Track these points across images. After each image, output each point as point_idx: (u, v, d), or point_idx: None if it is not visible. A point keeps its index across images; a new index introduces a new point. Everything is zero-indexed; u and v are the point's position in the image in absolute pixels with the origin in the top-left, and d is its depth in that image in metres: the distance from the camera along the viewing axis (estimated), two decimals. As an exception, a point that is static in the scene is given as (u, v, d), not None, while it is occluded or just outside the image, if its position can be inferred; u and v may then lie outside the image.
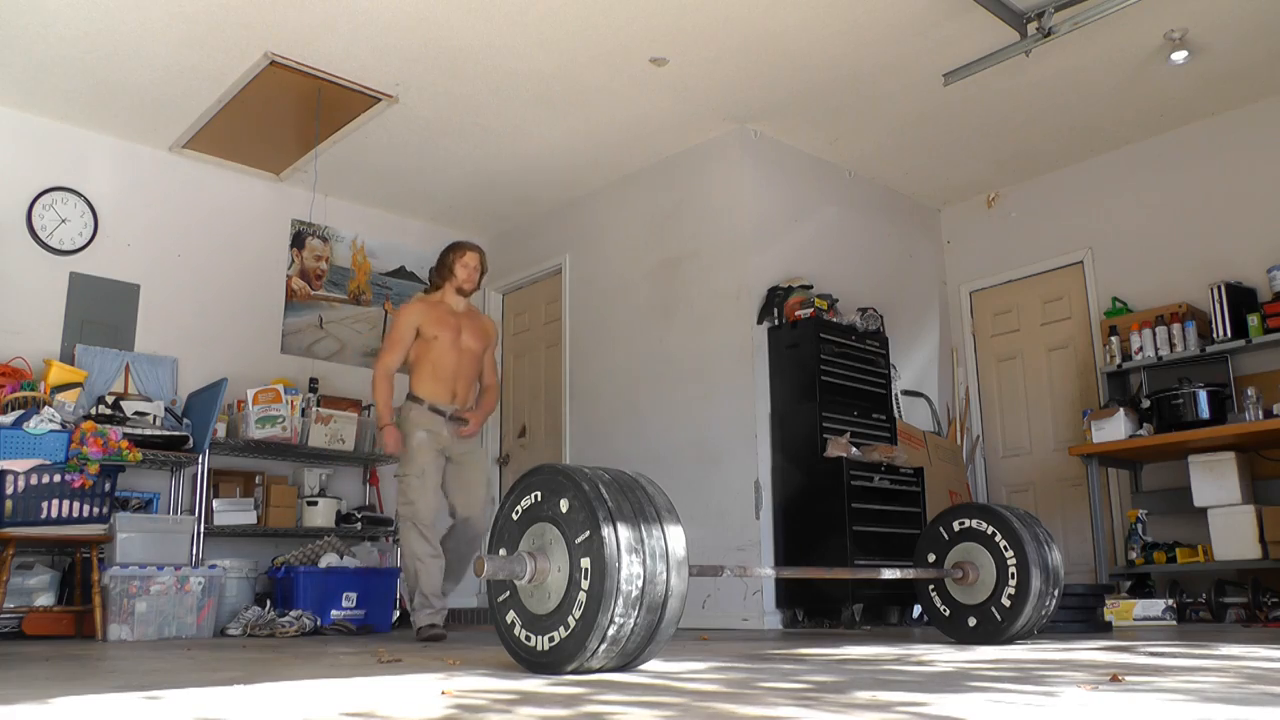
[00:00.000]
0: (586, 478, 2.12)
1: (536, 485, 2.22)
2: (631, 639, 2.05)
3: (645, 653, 2.13)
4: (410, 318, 4.26)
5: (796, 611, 4.81)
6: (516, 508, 2.25)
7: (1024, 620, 3.14)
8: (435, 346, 4.23)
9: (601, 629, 1.99)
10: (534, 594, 2.16)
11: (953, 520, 3.36)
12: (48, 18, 4.32)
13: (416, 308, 4.33)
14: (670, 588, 2.07)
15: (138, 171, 5.52)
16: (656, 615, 2.07)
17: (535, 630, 2.14)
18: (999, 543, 3.20)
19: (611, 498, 2.08)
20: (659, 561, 2.05)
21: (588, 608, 2.01)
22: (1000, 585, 3.17)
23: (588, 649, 2.01)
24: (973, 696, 1.69)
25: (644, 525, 2.07)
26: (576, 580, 2.05)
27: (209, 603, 4.38)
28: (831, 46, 4.62)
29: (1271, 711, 1.43)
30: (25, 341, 4.94)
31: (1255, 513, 4.61)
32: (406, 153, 5.67)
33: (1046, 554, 3.19)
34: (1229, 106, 5.24)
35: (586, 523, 2.05)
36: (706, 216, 5.49)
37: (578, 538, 2.06)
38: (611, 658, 2.07)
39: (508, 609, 2.22)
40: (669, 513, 2.15)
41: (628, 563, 2.00)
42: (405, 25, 4.40)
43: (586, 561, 2.03)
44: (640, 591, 2.02)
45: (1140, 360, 5.18)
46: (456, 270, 4.31)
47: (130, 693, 1.89)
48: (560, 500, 2.13)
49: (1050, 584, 3.18)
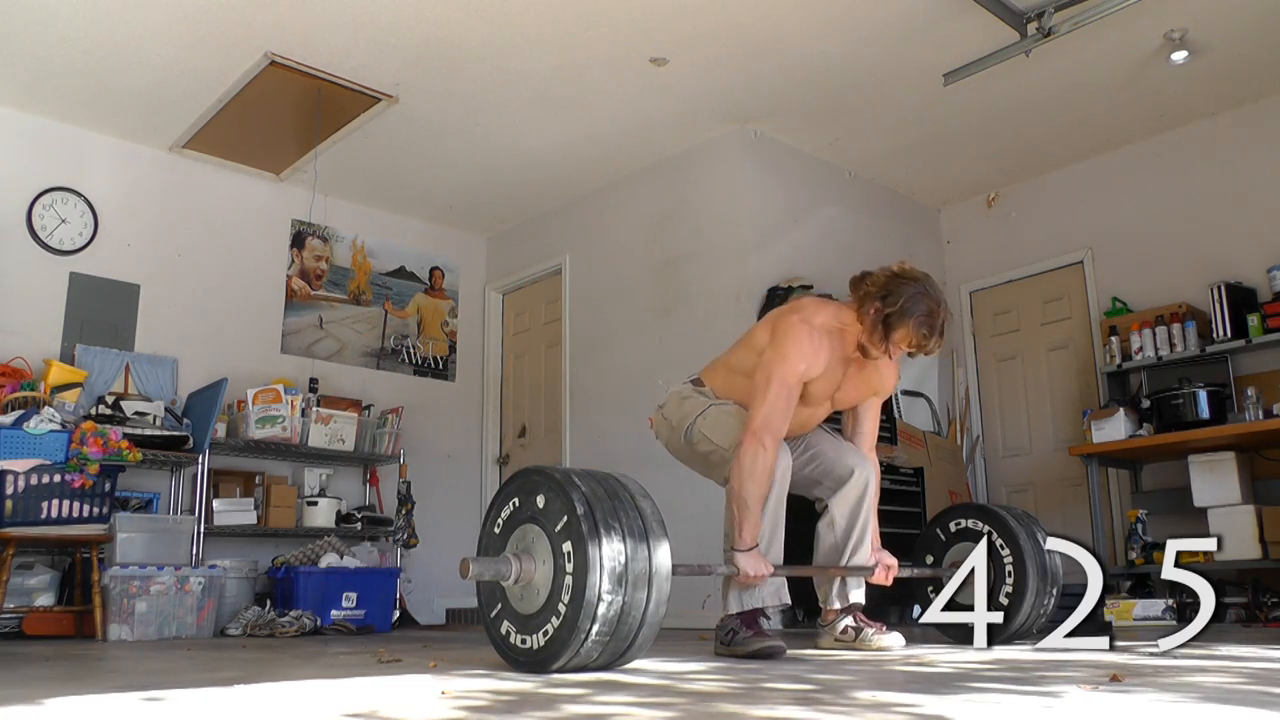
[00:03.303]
0: (560, 471, 2.19)
1: (513, 493, 2.27)
2: (623, 620, 2.07)
3: (640, 636, 2.13)
4: (813, 363, 2.82)
5: (797, 612, 4.81)
6: (498, 520, 2.30)
7: (1022, 618, 3.13)
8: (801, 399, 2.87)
9: (591, 608, 2.02)
10: (523, 595, 2.19)
11: (949, 521, 3.36)
12: (48, 18, 4.32)
13: (818, 344, 2.83)
14: (655, 564, 2.11)
15: (138, 171, 5.51)
16: (645, 592, 2.09)
17: (528, 630, 2.16)
18: (995, 541, 3.20)
19: (584, 483, 2.14)
20: (639, 540, 2.10)
21: (574, 589, 2.04)
22: (997, 584, 3.17)
23: (581, 631, 2.03)
24: (973, 697, 1.69)
25: (618, 505, 2.13)
26: (561, 566, 2.09)
27: (209, 603, 4.38)
28: (831, 47, 4.62)
29: (1271, 712, 1.43)
30: (25, 341, 4.94)
31: (1255, 513, 4.61)
32: (406, 153, 5.67)
33: (1043, 552, 3.18)
34: (1229, 106, 5.23)
35: (563, 509, 2.10)
36: (706, 217, 5.49)
37: (557, 525, 2.11)
38: (606, 641, 2.08)
39: (501, 620, 2.25)
40: (643, 496, 2.21)
41: (607, 539, 2.05)
42: (405, 25, 4.40)
43: (568, 545, 2.07)
44: (624, 567, 2.06)
45: (1140, 360, 5.18)
46: (894, 339, 2.78)
47: (130, 693, 1.89)
48: (537, 497, 2.19)
49: (1048, 582, 3.18)
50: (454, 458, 6.42)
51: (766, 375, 2.79)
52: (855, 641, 2.94)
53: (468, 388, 6.73)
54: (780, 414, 2.76)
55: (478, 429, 6.69)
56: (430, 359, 6.57)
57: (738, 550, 2.73)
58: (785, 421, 2.78)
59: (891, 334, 2.76)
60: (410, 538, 5.67)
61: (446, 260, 6.76)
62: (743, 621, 2.78)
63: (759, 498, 2.72)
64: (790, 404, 2.79)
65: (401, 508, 5.72)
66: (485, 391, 6.78)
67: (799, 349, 2.79)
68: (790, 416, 2.81)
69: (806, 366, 2.80)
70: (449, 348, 6.69)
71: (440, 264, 6.72)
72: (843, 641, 2.97)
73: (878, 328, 2.77)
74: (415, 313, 6.55)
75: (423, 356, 6.54)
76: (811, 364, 2.81)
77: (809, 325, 2.84)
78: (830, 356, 2.85)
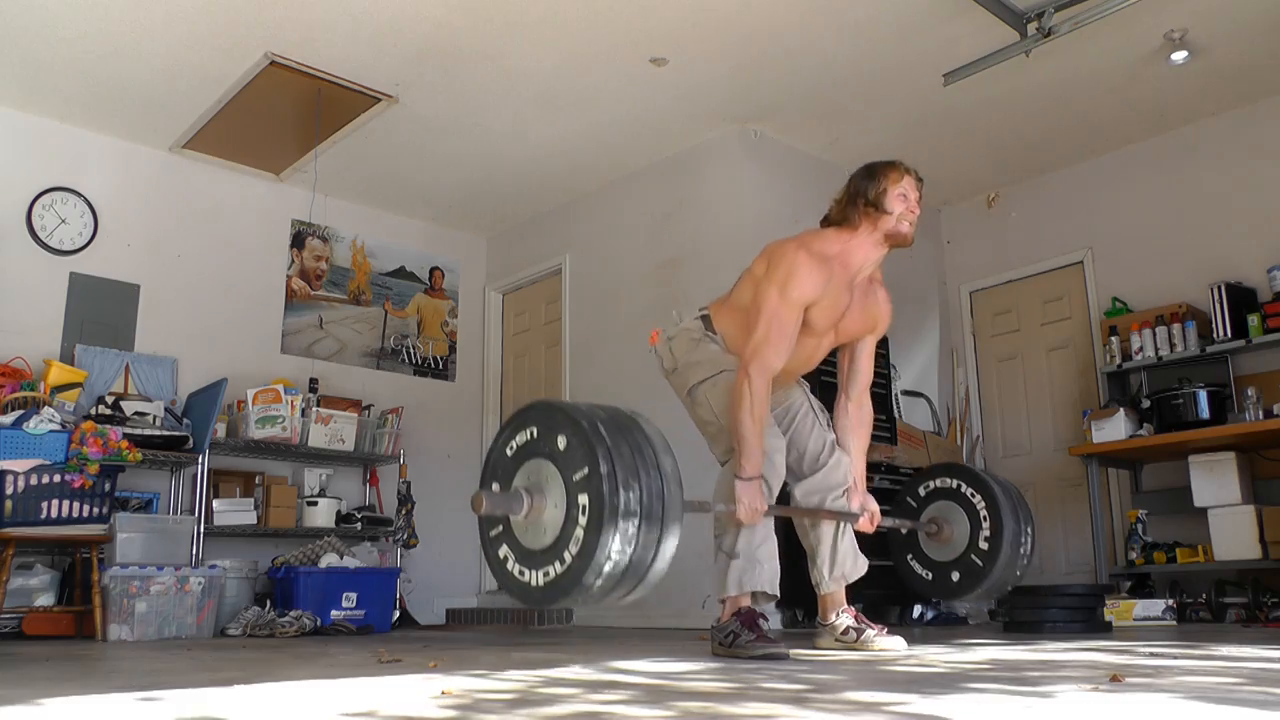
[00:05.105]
0: (584, 414, 2.10)
1: (532, 421, 2.17)
2: (627, 575, 2.05)
3: (637, 590, 2.12)
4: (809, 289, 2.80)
5: (796, 612, 4.81)
6: (511, 443, 2.20)
7: (1003, 560, 3.10)
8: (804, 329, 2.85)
9: (598, 565, 1.98)
10: (528, 530, 2.14)
11: (918, 486, 3.37)
12: (48, 18, 4.32)
13: (816, 270, 2.81)
14: (666, 525, 2.06)
15: (138, 171, 5.52)
16: (652, 552, 2.06)
17: (530, 565, 2.11)
18: (965, 492, 3.20)
19: (609, 435, 2.06)
20: (655, 500, 2.05)
21: (585, 544, 2.00)
22: (975, 532, 3.16)
23: (584, 585, 2.00)
24: (972, 697, 1.69)
25: (641, 464, 2.06)
26: (574, 517, 2.03)
27: (209, 603, 4.38)
28: (831, 47, 4.62)
29: (1271, 712, 1.43)
30: (25, 341, 4.94)
31: (1255, 513, 4.61)
32: (406, 153, 5.67)
33: (1013, 493, 3.19)
34: (1229, 106, 5.23)
35: (585, 460, 2.03)
36: (707, 216, 5.49)
37: (575, 475, 2.05)
38: (607, 590, 2.06)
39: (500, 543, 2.19)
40: (665, 453, 2.13)
41: (625, 500, 1.99)
42: (405, 25, 4.40)
43: (584, 498, 2.02)
44: (637, 529, 2.01)
45: (1140, 360, 5.18)
46: (889, 202, 2.86)
47: (130, 693, 1.89)
48: (558, 437, 2.10)
49: (1024, 521, 3.16)
50: (454, 458, 6.42)
51: (758, 305, 2.80)
52: (856, 643, 2.93)
53: (468, 388, 6.73)
54: (772, 344, 2.74)
55: (478, 429, 6.68)
56: (430, 359, 6.57)
57: (740, 478, 2.70)
58: (778, 353, 2.76)
59: (881, 197, 2.84)
60: (410, 538, 5.68)
61: (446, 260, 6.76)
62: (743, 623, 2.77)
63: (756, 431, 2.70)
64: (784, 333, 2.76)
65: (401, 508, 5.72)
66: (485, 391, 6.78)
67: (793, 276, 2.77)
68: (785, 349, 2.78)
69: (801, 293, 2.77)
70: (449, 348, 6.69)
71: (440, 264, 6.72)
72: (843, 642, 2.96)
73: (868, 206, 2.85)
74: (415, 313, 6.56)
75: (423, 356, 6.54)
76: (807, 289, 2.78)
77: (805, 250, 2.83)
78: (832, 281, 2.83)
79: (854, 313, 2.95)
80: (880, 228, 2.86)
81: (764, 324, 2.76)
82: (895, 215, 2.85)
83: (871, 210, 2.85)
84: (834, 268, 2.84)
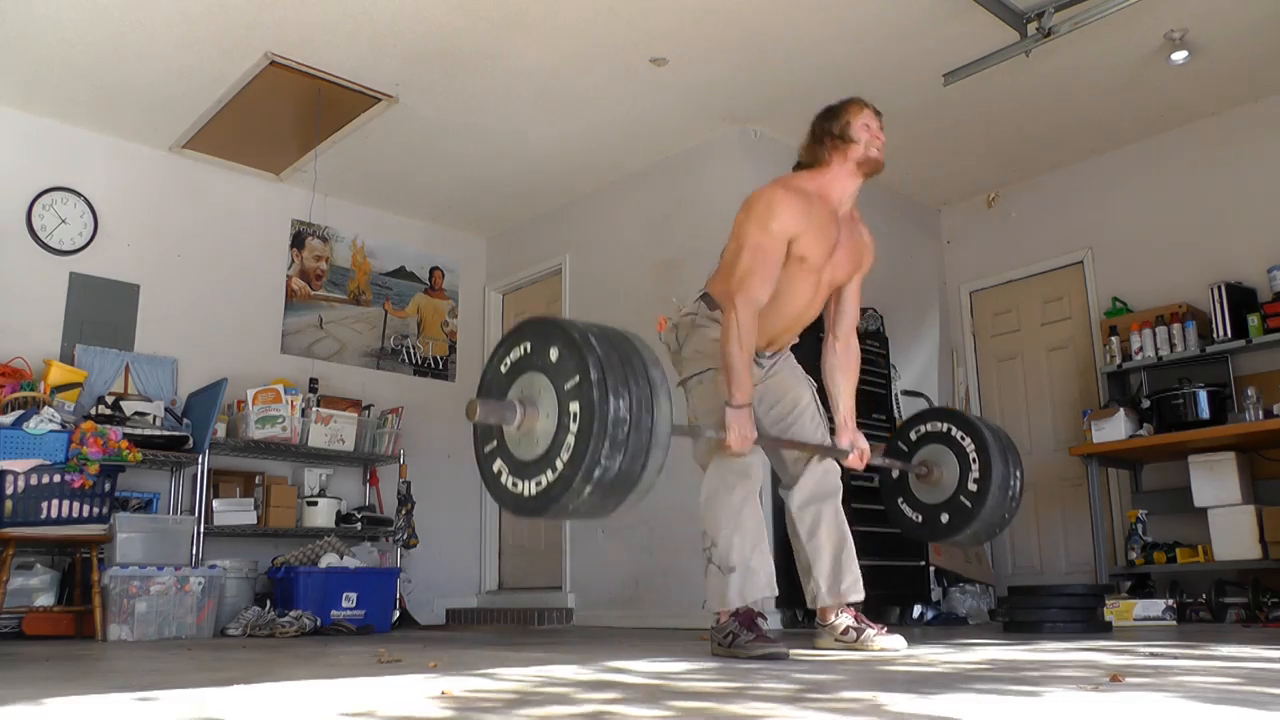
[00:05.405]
0: (577, 328, 2.12)
1: (526, 336, 2.19)
2: (616, 483, 2.05)
3: (628, 500, 2.13)
4: (788, 219, 2.84)
5: (796, 612, 4.81)
6: (505, 360, 2.22)
7: (992, 502, 3.10)
8: (794, 271, 2.89)
9: (588, 471, 1.99)
10: (521, 441, 2.15)
11: (909, 431, 3.37)
12: (48, 18, 4.32)
13: (794, 201, 2.86)
14: (655, 434, 2.07)
15: (138, 171, 5.52)
16: (641, 462, 2.06)
17: (522, 476, 2.13)
18: (955, 435, 3.20)
19: (600, 346, 2.07)
20: (644, 410, 2.06)
21: (575, 450, 2.01)
22: (964, 474, 3.16)
23: (575, 491, 2.01)
24: (972, 697, 1.69)
25: (630, 374, 2.07)
26: (565, 424, 2.05)
27: (209, 603, 4.38)
28: (831, 47, 4.62)
29: (1271, 712, 1.43)
30: (25, 341, 4.94)
31: (1255, 513, 4.61)
32: (406, 153, 5.67)
33: (1002, 438, 3.20)
34: (1229, 106, 5.23)
35: (576, 369, 2.05)
36: (706, 217, 5.48)
37: (567, 384, 2.06)
38: (597, 500, 2.07)
39: (494, 458, 2.20)
40: (655, 365, 2.15)
41: (615, 407, 2.00)
42: (405, 25, 4.40)
43: (575, 406, 2.03)
44: (625, 436, 2.02)
45: (1140, 360, 5.18)
46: (854, 132, 2.96)
47: (130, 693, 1.89)
48: (550, 349, 2.12)
49: (1013, 465, 3.16)
50: (454, 458, 6.42)
51: (740, 243, 2.87)
52: (856, 643, 2.93)
53: (468, 388, 6.72)
54: (757, 274, 2.79)
55: (478, 429, 6.67)
56: (430, 359, 6.57)
57: (730, 406, 2.71)
58: (763, 283, 2.80)
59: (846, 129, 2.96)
60: (410, 538, 5.68)
61: (446, 260, 6.76)
62: (742, 623, 2.77)
63: (745, 360, 2.74)
64: (768, 264, 2.81)
65: (401, 508, 5.72)
66: (485, 391, 6.77)
67: (771, 209, 2.85)
68: (770, 279, 2.81)
69: (781, 224, 2.83)
70: (449, 348, 6.69)
71: (440, 264, 6.73)
72: (843, 642, 2.96)
73: (835, 140, 2.96)
74: (415, 313, 6.56)
75: (423, 356, 6.54)
76: (786, 220, 2.83)
77: (783, 187, 2.93)
78: (814, 213, 2.89)
79: (844, 249, 3.01)
80: (851, 157, 2.96)
81: (747, 256, 2.81)
82: (863, 143, 2.95)
83: (839, 143, 2.96)
84: (814, 201, 2.92)
